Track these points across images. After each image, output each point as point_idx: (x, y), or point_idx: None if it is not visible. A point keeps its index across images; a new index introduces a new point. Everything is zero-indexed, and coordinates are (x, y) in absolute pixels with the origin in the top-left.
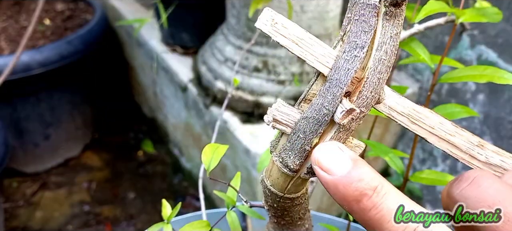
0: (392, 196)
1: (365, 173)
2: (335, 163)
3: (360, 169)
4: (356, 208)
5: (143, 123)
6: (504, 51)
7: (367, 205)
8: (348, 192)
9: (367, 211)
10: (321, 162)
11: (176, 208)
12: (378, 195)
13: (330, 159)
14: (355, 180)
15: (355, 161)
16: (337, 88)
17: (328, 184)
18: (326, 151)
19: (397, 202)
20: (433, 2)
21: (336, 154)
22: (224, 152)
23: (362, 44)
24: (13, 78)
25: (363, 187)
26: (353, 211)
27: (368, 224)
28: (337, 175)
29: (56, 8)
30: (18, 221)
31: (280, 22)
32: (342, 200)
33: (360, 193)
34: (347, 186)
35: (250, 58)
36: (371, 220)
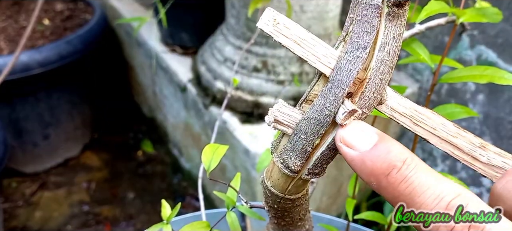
0: (423, 169)
1: (393, 145)
2: (360, 138)
3: (387, 142)
4: (385, 182)
5: (142, 123)
6: (504, 51)
7: (397, 178)
8: (375, 165)
9: (396, 185)
10: (346, 138)
11: (176, 208)
12: (408, 167)
13: (355, 135)
14: (383, 153)
15: (381, 135)
16: (339, 89)
17: (354, 160)
18: (351, 128)
19: (428, 175)
20: (433, 2)
21: (361, 129)
22: (224, 152)
23: (364, 45)
24: (12, 78)
25: (392, 159)
26: (381, 187)
27: (398, 201)
28: (364, 149)
29: (56, 8)
30: (17, 221)
31: (282, 22)
32: (369, 176)
33: (389, 165)
34: (375, 159)
35: (249, 58)
36: (401, 196)
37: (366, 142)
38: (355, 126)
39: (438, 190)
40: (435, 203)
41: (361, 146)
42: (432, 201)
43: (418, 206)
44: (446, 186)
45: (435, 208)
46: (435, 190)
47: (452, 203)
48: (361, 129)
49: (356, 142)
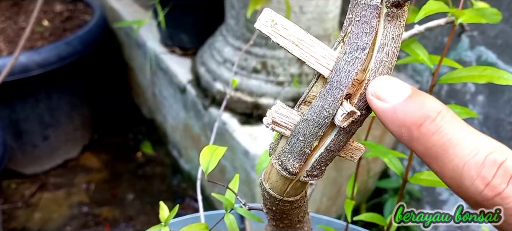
0: (459, 122)
1: (427, 97)
2: (393, 90)
3: (421, 95)
4: (417, 133)
5: (142, 124)
6: (504, 52)
7: (430, 128)
8: (408, 116)
9: (429, 136)
10: (377, 91)
11: (174, 210)
12: (443, 118)
13: (388, 87)
14: (417, 104)
15: (415, 89)
16: (337, 91)
17: (385, 112)
18: (383, 81)
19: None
20: (432, 2)
21: (394, 82)
22: (222, 154)
23: (363, 46)
24: (12, 79)
25: (426, 110)
26: (412, 138)
27: (430, 153)
28: (396, 102)
29: (55, 9)
30: (16, 222)
31: (280, 23)
32: (401, 127)
33: (422, 115)
34: (408, 110)
35: (249, 59)
36: (433, 147)
37: (399, 94)
38: (387, 79)
39: (475, 143)
40: (471, 156)
41: (394, 98)
42: (467, 153)
43: (451, 158)
44: (483, 140)
45: (469, 161)
46: (472, 142)
47: (489, 156)
48: (393, 82)
49: (388, 94)
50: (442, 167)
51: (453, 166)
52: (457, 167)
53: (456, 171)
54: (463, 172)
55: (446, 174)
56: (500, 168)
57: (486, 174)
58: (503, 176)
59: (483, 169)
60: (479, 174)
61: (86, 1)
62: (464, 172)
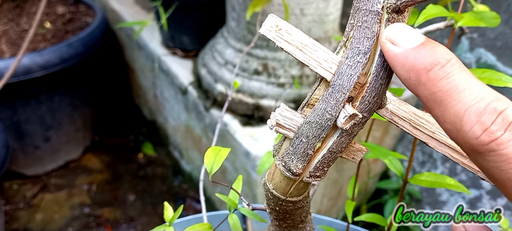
0: (467, 71)
1: (439, 46)
2: (407, 36)
3: (434, 43)
4: (425, 77)
5: (143, 125)
6: (503, 54)
7: (439, 73)
8: (418, 60)
9: (437, 81)
10: (391, 36)
11: (178, 210)
12: (452, 66)
13: (402, 33)
14: (429, 51)
15: (428, 39)
16: (340, 94)
17: (396, 56)
18: (398, 26)
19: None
20: (431, 6)
21: (408, 29)
22: (226, 155)
23: (364, 50)
24: (14, 81)
25: (436, 57)
26: (420, 82)
27: (435, 98)
28: (409, 46)
29: (57, 11)
30: (18, 224)
31: (284, 28)
32: (410, 71)
33: (433, 60)
34: (419, 55)
35: (250, 61)
36: (439, 92)
37: (413, 40)
38: (403, 25)
39: (479, 91)
40: (474, 102)
41: (407, 43)
42: (471, 100)
43: (454, 103)
44: (487, 89)
45: (471, 107)
46: (476, 90)
47: (491, 104)
48: (408, 29)
49: (402, 39)
50: (444, 112)
51: (455, 110)
52: (459, 112)
53: (457, 116)
54: (464, 117)
55: (447, 118)
56: (499, 116)
57: (485, 120)
58: (501, 123)
59: (483, 115)
60: (478, 120)
61: (87, 3)
62: (465, 117)
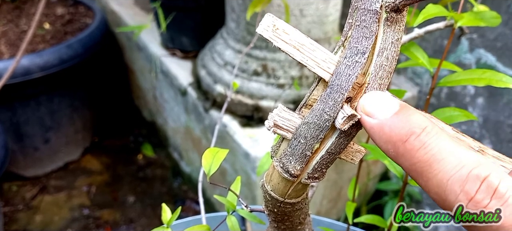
0: (444, 137)
1: (413, 114)
2: (381, 106)
3: (408, 111)
4: (402, 149)
5: (142, 127)
6: (503, 54)
7: (415, 144)
8: (393, 132)
9: (414, 152)
10: (366, 107)
11: (176, 212)
12: (427, 134)
13: (375, 103)
14: (403, 120)
15: (403, 104)
16: (338, 94)
17: (373, 128)
18: (372, 96)
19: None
20: (431, 6)
21: (382, 98)
22: (224, 156)
23: (363, 50)
24: (13, 82)
25: (411, 126)
26: (398, 154)
27: (416, 168)
28: (383, 117)
29: (56, 12)
30: (17, 225)
31: (281, 28)
32: (387, 143)
33: (407, 131)
34: (393, 126)
35: (249, 62)
36: (419, 163)
37: (386, 110)
38: (376, 94)
39: (459, 158)
40: (455, 171)
41: (381, 113)
42: (451, 168)
43: (435, 173)
44: (467, 155)
45: (453, 176)
46: (456, 157)
47: (473, 172)
48: (382, 97)
49: (375, 110)
50: (427, 182)
51: (437, 181)
52: (441, 182)
53: (441, 186)
54: (447, 187)
55: (431, 189)
56: (483, 183)
57: (469, 189)
58: (486, 191)
59: (466, 184)
60: (462, 189)
61: (87, 4)
62: (448, 187)
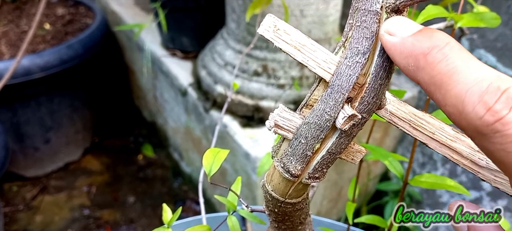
0: (466, 52)
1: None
2: (404, 25)
3: (431, 29)
4: (423, 62)
5: (143, 127)
6: (503, 55)
7: (437, 56)
8: (416, 46)
9: (436, 64)
10: (389, 27)
11: (177, 212)
12: (451, 48)
13: (399, 23)
14: (426, 36)
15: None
16: (338, 94)
17: (394, 45)
18: (395, 18)
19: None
20: (431, 7)
21: (405, 20)
22: (225, 157)
23: (363, 50)
24: (14, 83)
25: (434, 40)
26: (418, 67)
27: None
28: (406, 35)
29: (57, 13)
30: (18, 225)
31: (282, 28)
32: (408, 57)
33: (431, 44)
34: (416, 40)
35: (250, 62)
36: (439, 75)
37: (410, 28)
38: (400, 17)
39: (480, 71)
40: (475, 82)
41: (404, 31)
42: (472, 80)
43: (454, 84)
44: (488, 69)
45: (472, 87)
46: (477, 70)
47: (493, 84)
48: (405, 19)
49: (399, 28)
50: (445, 95)
51: (456, 92)
52: (460, 93)
53: (459, 97)
54: (466, 97)
55: (448, 101)
56: (503, 95)
57: (488, 99)
58: (505, 102)
59: (485, 95)
60: (481, 99)
61: (87, 4)
62: (467, 97)
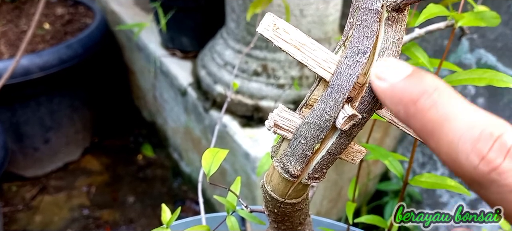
0: (456, 97)
1: (426, 75)
2: (393, 70)
3: (421, 73)
4: (413, 109)
5: (142, 127)
6: (504, 55)
7: (427, 103)
8: (405, 92)
9: (425, 111)
10: (378, 72)
11: (176, 212)
12: (440, 94)
13: (388, 68)
14: (415, 81)
15: (415, 69)
16: (339, 94)
17: (384, 91)
18: (384, 62)
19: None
20: (432, 6)
21: (394, 63)
22: (224, 157)
23: (364, 50)
24: (13, 82)
25: (423, 86)
26: (409, 115)
27: (426, 129)
28: (395, 80)
29: (56, 12)
30: (17, 225)
31: (282, 27)
32: (398, 104)
33: (419, 91)
34: (405, 87)
35: (249, 62)
36: (430, 123)
37: (399, 73)
38: (388, 60)
39: (471, 117)
40: (467, 129)
41: (393, 76)
42: (463, 127)
43: (446, 132)
44: (480, 115)
45: (464, 134)
46: (468, 117)
47: (486, 130)
48: (394, 62)
49: (388, 74)
50: (437, 143)
51: (448, 140)
52: (453, 142)
53: (451, 146)
54: (458, 146)
55: (442, 149)
56: (496, 142)
57: (481, 147)
58: (499, 150)
59: (478, 142)
60: (474, 148)
61: (87, 4)
62: (459, 146)
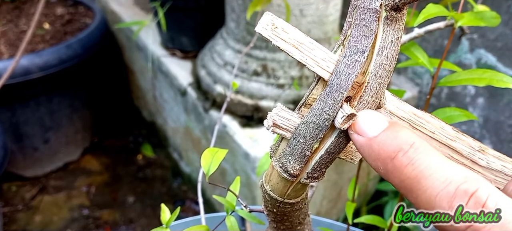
0: (431, 153)
1: (401, 130)
2: (370, 124)
3: (396, 127)
4: (391, 166)
5: (142, 127)
6: (504, 55)
7: (403, 161)
8: (382, 149)
9: (402, 168)
10: (356, 126)
11: (175, 212)
12: (415, 150)
13: (365, 122)
14: (391, 137)
15: (391, 122)
16: (337, 93)
17: (362, 146)
18: (362, 115)
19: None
20: (431, 6)
21: (371, 117)
22: (223, 156)
23: (363, 49)
24: (13, 82)
25: (399, 142)
26: (387, 171)
27: (405, 185)
28: (372, 135)
29: (56, 12)
30: (17, 225)
31: (280, 27)
32: (376, 160)
33: (395, 148)
34: (382, 143)
35: (249, 62)
36: (407, 180)
37: (375, 128)
38: (366, 113)
39: (446, 174)
40: (442, 187)
41: (370, 131)
42: (439, 184)
43: (423, 189)
44: (455, 170)
45: (441, 192)
46: (443, 173)
47: (460, 187)
48: (371, 115)
49: (365, 128)
50: (416, 199)
51: (426, 197)
52: (430, 199)
53: (429, 203)
54: (436, 203)
55: (421, 205)
56: (471, 199)
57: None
58: (474, 206)
59: (454, 199)
60: (450, 205)
61: (87, 4)
62: (437, 203)
